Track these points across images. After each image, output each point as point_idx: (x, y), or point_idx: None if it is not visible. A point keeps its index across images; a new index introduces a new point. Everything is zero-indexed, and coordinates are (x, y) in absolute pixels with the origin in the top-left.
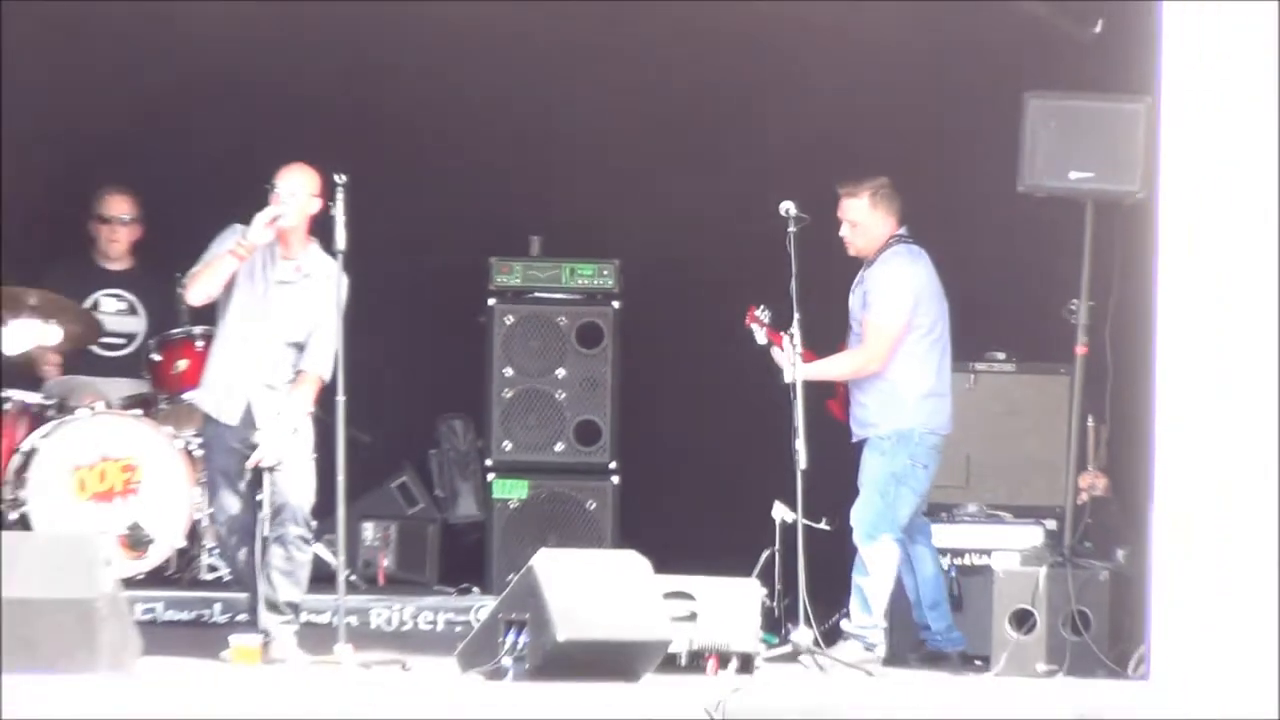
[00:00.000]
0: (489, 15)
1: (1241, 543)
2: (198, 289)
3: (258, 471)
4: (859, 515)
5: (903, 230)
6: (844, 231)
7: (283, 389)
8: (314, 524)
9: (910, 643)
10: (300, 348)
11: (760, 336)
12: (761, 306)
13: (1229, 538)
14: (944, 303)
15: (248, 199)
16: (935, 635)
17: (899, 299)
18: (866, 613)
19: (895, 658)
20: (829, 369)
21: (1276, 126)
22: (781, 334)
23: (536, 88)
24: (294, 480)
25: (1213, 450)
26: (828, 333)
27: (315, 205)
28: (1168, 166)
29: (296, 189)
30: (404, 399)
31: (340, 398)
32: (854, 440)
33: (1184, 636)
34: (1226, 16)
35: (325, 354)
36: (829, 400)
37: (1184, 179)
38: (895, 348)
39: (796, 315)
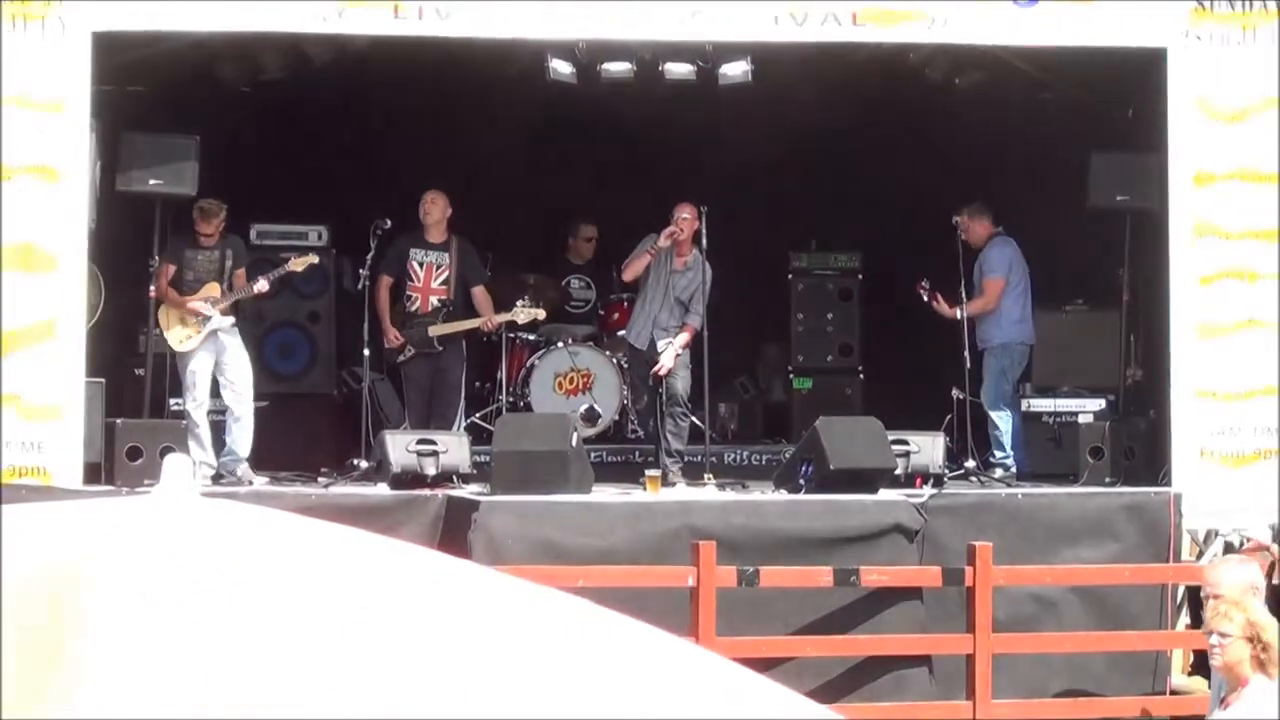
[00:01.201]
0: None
1: (1217, 410)
2: (628, 272)
3: (658, 376)
4: (986, 393)
5: (999, 229)
6: (962, 233)
7: (673, 330)
8: (690, 405)
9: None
10: (684, 307)
11: (925, 296)
12: (925, 279)
13: (1210, 406)
14: (1026, 269)
15: (644, 222)
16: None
17: (1000, 267)
18: (1002, 450)
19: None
20: (968, 311)
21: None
22: (937, 294)
23: (810, 145)
24: (678, 380)
25: (1201, 352)
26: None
27: (695, 225)
28: (1173, 192)
29: (686, 216)
30: (743, 333)
31: (704, 334)
32: (978, 350)
33: (1188, 460)
34: (1198, 113)
35: (698, 314)
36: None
37: (1180, 200)
38: (1000, 296)
39: (964, 282)
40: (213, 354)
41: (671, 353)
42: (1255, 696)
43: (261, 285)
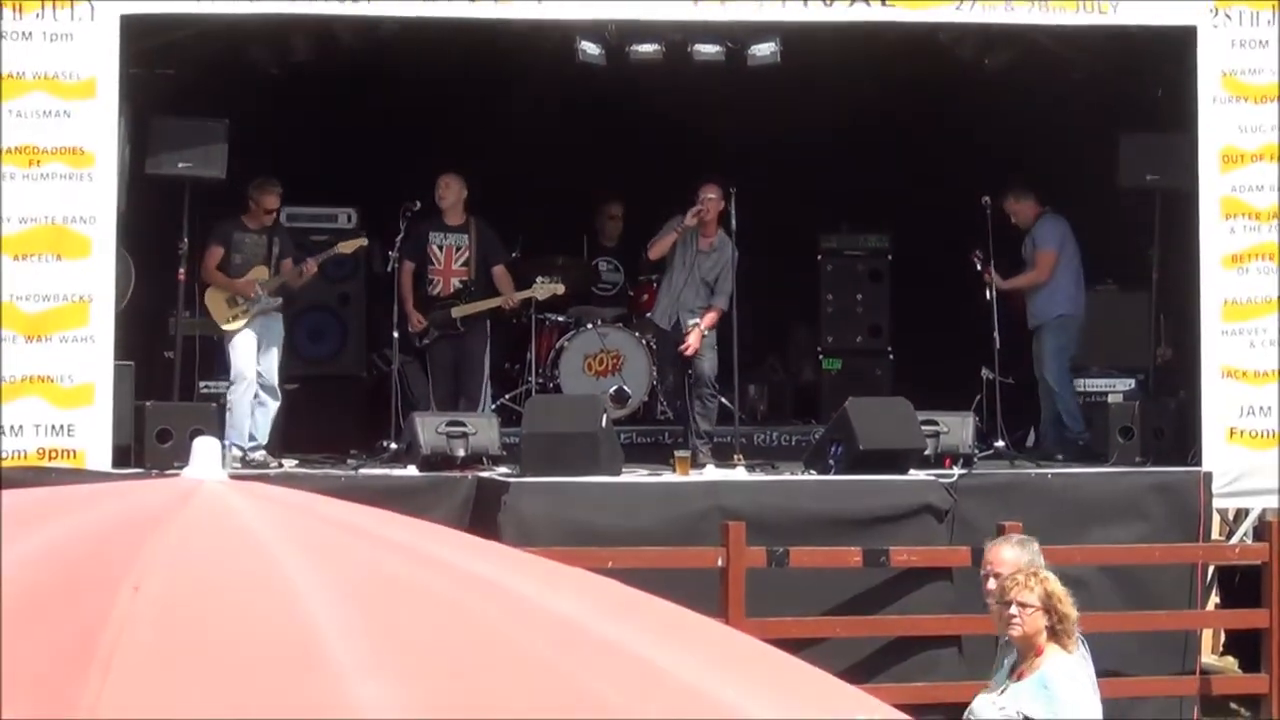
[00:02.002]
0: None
1: (1246, 390)
2: (654, 250)
3: (686, 357)
4: (1050, 371)
5: (1046, 207)
6: (1011, 217)
7: (698, 311)
8: (717, 385)
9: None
10: (710, 289)
11: (979, 265)
12: (978, 250)
13: (1239, 386)
14: (1076, 245)
15: (673, 204)
16: (1081, 435)
17: (1052, 241)
18: (1076, 423)
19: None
20: (1020, 282)
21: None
22: (991, 266)
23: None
24: (705, 362)
25: (1230, 331)
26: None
27: (721, 205)
28: (1202, 171)
29: (712, 196)
30: (772, 314)
31: (733, 315)
32: (1030, 326)
33: (1217, 440)
34: (1227, 93)
35: (724, 295)
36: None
37: (1209, 179)
38: (1052, 268)
39: (992, 261)
40: (256, 337)
41: (697, 334)
42: (1053, 664)
43: (312, 266)
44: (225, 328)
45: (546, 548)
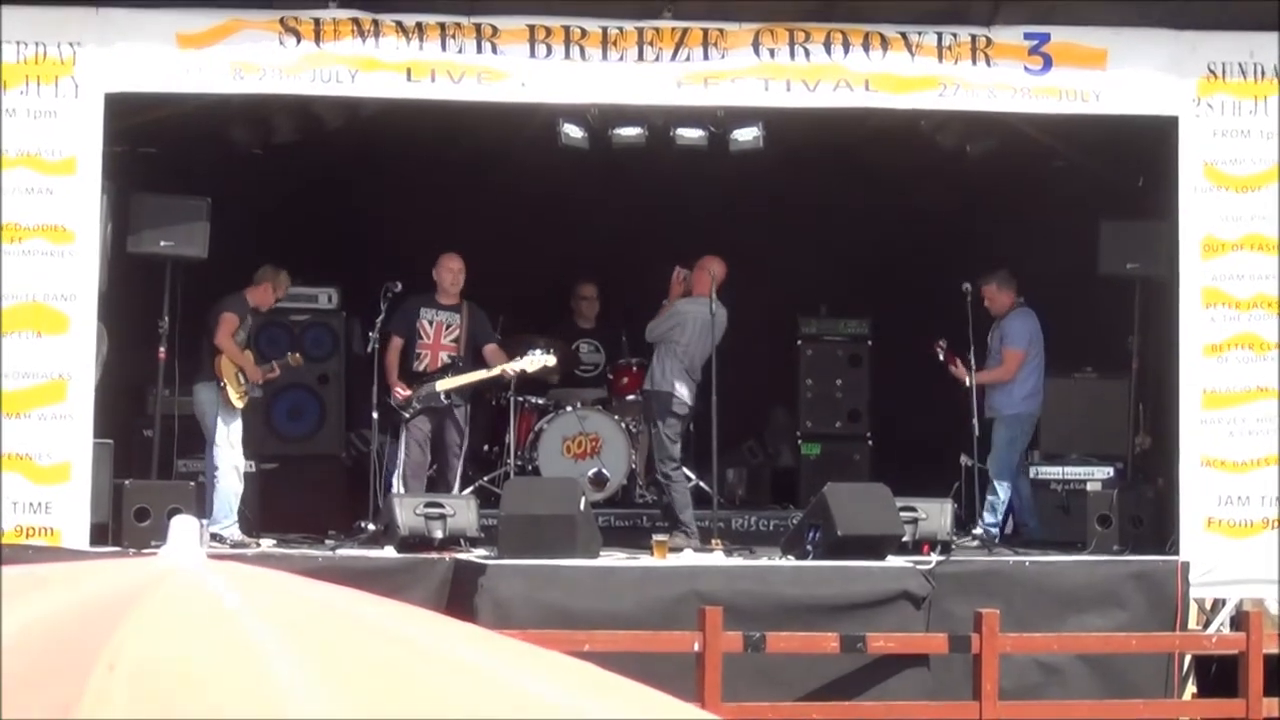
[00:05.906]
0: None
1: (1225, 479)
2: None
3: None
4: (992, 463)
5: (1021, 299)
6: (986, 301)
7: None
8: (668, 469)
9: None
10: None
11: (941, 355)
12: (942, 340)
13: (1218, 475)
14: (1043, 342)
15: (655, 287)
16: (1030, 529)
17: (1020, 340)
18: (992, 515)
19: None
20: (985, 379)
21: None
22: (956, 357)
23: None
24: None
25: (1209, 420)
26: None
27: (712, 275)
28: (1183, 260)
29: (716, 267)
30: (752, 397)
31: (714, 397)
32: (986, 417)
33: (1195, 529)
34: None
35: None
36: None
37: (1189, 268)
38: (1018, 368)
39: (973, 349)
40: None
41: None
42: None
43: (276, 370)
44: (238, 405)
45: (523, 630)
